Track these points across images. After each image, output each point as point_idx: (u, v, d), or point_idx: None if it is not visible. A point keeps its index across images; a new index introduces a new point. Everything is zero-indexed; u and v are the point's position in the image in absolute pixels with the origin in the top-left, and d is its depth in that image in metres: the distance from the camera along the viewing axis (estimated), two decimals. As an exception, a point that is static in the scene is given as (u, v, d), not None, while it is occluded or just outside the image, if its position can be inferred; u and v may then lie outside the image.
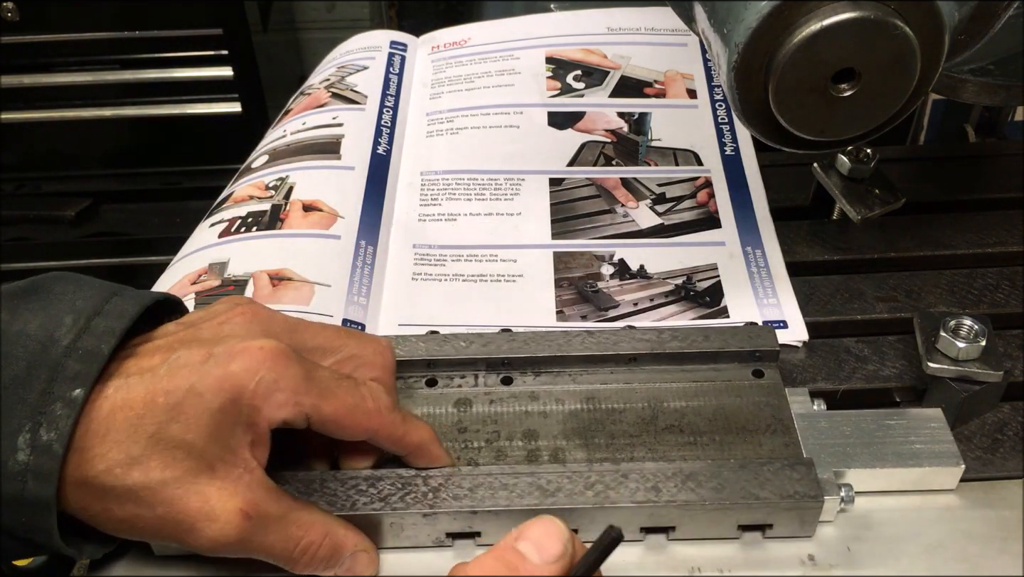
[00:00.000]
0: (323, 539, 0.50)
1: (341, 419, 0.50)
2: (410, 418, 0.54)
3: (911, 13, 0.48)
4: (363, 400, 0.50)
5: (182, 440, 0.46)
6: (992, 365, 0.61)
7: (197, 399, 0.46)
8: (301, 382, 0.48)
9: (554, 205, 0.82)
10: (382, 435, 0.52)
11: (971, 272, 0.76)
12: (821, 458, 0.57)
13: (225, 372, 0.46)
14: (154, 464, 0.45)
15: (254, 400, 0.47)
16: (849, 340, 0.71)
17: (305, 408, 0.48)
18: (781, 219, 0.81)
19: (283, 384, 0.47)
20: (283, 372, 0.47)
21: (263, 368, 0.47)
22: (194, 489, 0.46)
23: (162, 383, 0.46)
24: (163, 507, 0.46)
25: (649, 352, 0.63)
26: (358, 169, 0.84)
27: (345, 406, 0.50)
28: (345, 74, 0.96)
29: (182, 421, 0.46)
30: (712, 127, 0.90)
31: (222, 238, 0.77)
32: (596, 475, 0.55)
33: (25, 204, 1.09)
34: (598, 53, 0.98)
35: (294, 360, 0.48)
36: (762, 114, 0.52)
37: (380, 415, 0.51)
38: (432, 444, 0.55)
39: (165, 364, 0.47)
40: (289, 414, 0.48)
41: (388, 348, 0.57)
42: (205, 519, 0.46)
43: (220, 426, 0.46)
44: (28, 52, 1.23)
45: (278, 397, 0.47)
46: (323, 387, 0.49)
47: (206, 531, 0.46)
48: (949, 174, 0.89)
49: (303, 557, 0.49)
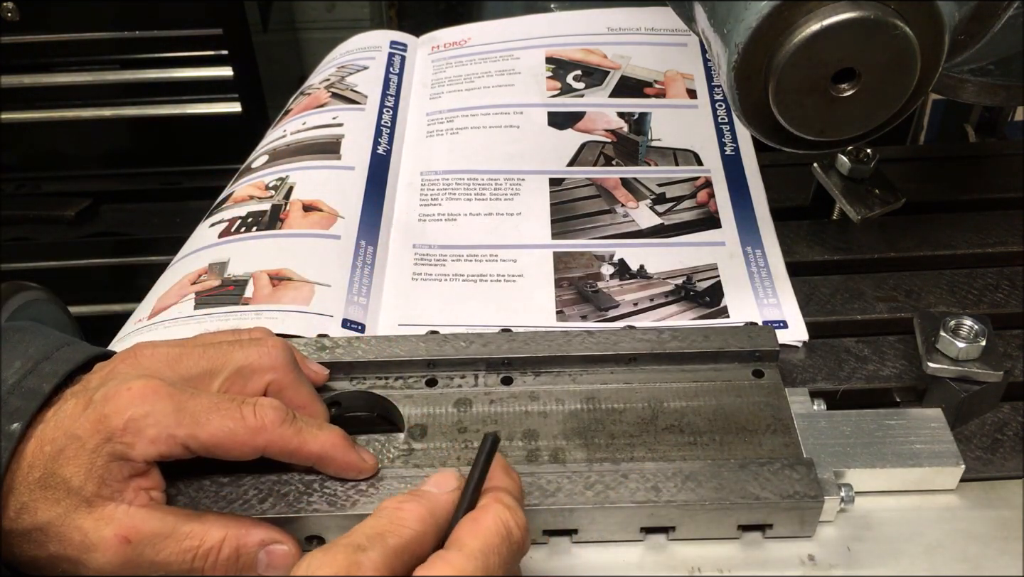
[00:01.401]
0: (221, 542, 0.50)
1: (223, 443, 0.50)
2: (308, 428, 0.53)
3: (911, 13, 0.48)
4: (243, 420, 0.50)
5: (63, 480, 0.48)
6: (992, 365, 0.61)
7: (76, 442, 0.48)
8: (171, 415, 0.49)
9: (554, 205, 0.82)
10: (273, 450, 0.52)
11: (971, 272, 0.76)
12: (821, 458, 0.57)
13: (98, 415, 0.49)
14: (40, 506, 0.48)
15: (124, 437, 0.49)
16: (849, 340, 0.71)
17: (179, 439, 0.49)
18: (781, 219, 0.81)
19: (152, 420, 0.49)
20: (152, 408, 0.49)
21: (132, 407, 0.49)
22: (74, 525, 0.48)
23: (48, 433, 0.49)
24: (53, 545, 0.48)
25: (649, 352, 0.63)
26: (358, 169, 0.84)
27: (224, 430, 0.50)
28: (345, 74, 0.96)
29: (62, 463, 0.48)
30: (712, 127, 0.90)
31: (222, 238, 0.77)
32: (596, 475, 0.55)
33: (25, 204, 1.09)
34: (598, 53, 0.98)
35: (164, 394, 0.50)
36: (762, 114, 0.52)
37: (265, 432, 0.51)
38: (338, 451, 0.53)
39: (55, 416, 0.50)
40: (163, 447, 0.49)
41: (276, 347, 0.55)
42: (87, 551, 0.48)
43: (96, 465, 0.48)
44: (28, 52, 1.23)
45: (149, 433, 0.49)
46: (197, 415, 0.50)
47: (90, 562, 0.48)
48: (949, 174, 0.89)
49: (206, 564, 0.50)
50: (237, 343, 0.55)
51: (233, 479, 0.54)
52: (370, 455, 0.55)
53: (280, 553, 0.52)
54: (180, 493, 0.54)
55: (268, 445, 0.51)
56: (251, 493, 0.54)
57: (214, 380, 0.53)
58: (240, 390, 0.53)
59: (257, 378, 0.54)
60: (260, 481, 0.54)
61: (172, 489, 0.53)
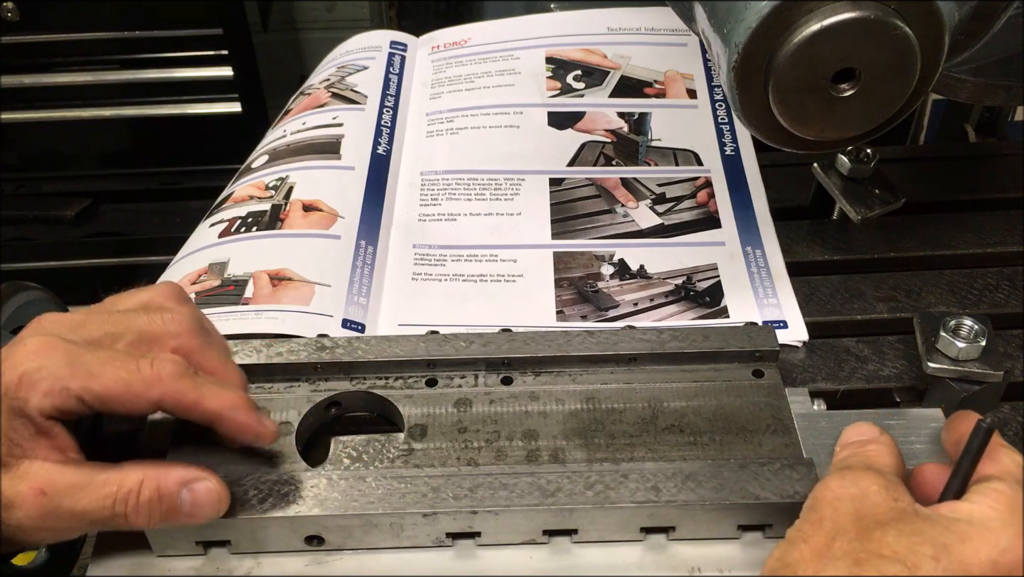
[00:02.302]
0: (139, 484, 0.50)
1: (117, 395, 0.49)
2: (208, 385, 0.52)
3: (911, 13, 0.48)
4: (138, 372, 0.50)
5: None
6: (992, 365, 0.61)
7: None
8: (65, 367, 0.49)
9: (554, 205, 0.82)
10: (169, 403, 0.51)
11: (971, 272, 0.76)
12: (821, 458, 0.57)
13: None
14: None
15: (19, 392, 0.48)
16: (849, 340, 0.71)
17: (74, 391, 0.49)
18: (781, 219, 0.81)
19: (45, 373, 0.48)
20: (44, 361, 0.49)
21: (26, 361, 0.49)
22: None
23: None
24: None
25: (649, 352, 0.63)
26: (358, 169, 0.84)
27: (118, 382, 0.49)
28: (345, 74, 0.96)
29: None
30: (712, 127, 0.90)
31: (222, 238, 0.77)
32: (596, 475, 0.55)
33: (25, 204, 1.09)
34: (598, 53, 0.98)
35: (60, 349, 0.49)
36: (762, 114, 0.52)
37: (161, 384, 0.50)
38: (237, 411, 0.52)
39: None
40: (58, 400, 0.49)
41: (181, 313, 0.55)
42: (6, 509, 0.48)
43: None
44: (28, 52, 1.23)
45: (42, 386, 0.48)
46: (91, 367, 0.49)
47: (11, 519, 0.48)
48: (949, 174, 0.89)
49: (128, 508, 0.50)
50: (142, 310, 0.54)
51: (234, 480, 0.54)
52: (271, 422, 0.54)
53: (203, 490, 0.51)
54: (180, 493, 0.54)
55: (163, 398, 0.50)
56: (251, 493, 0.54)
57: (116, 344, 0.52)
58: (143, 355, 0.52)
59: (160, 344, 0.53)
60: (260, 481, 0.54)
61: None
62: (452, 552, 0.55)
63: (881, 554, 0.43)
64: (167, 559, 0.54)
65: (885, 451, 0.50)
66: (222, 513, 0.52)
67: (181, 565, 0.54)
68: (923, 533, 0.44)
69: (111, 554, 0.55)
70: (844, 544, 0.44)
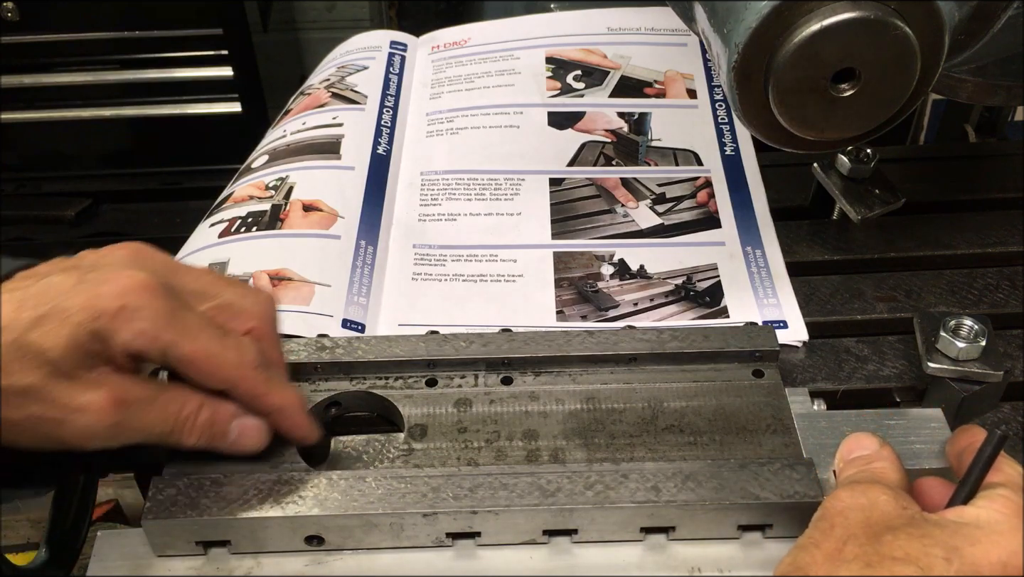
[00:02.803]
0: (199, 408, 0.52)
1: (199, 362, 0.50)
2: (277, 381, 0.54)
3: (911, 13, 0.48)
4: (225, 349, 0.51)
5: (40, 348, 0.47)
6: (992, 365, 0.61)
7: (60, 314, 0.48)
8: (163, 317, 0.49)
9: (554, 205, 0.82)
10: (241, 389, 0.52)
11: (971, 272, 0.76)
12: (821, 458, 0.57)
13: (92, 293, 0.48)
14: (15, 368, 0.47)
15: (113, 323, 0.48)
16: (849, 340, 0.71)
17: (162, 343, 0.49)
18: (781, 219, 0.81)
19: (144, 315, 0.49)
20: (147, 303, 0.49)
21: (129, 295, 0.49)
22: (60, 389, 0.48)
23: (31, 298, 0.48)
24: (35, 406, 0.48)
25: (649, 352, 0.63)
26: (358, 169, 0.84)
27: (205, 350, 0.50)
28: (345, 74, 0.96)
29: (42, 331, 0.48)
30: (712, 127, 0.90)
31: (222, 238, 0.77)
32: (596, 475, 0.55)
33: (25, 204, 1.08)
34: (598, 53, 0.98)
35: (162, 295, 0.50)
36: (762, 114, 0.52)
37: (241, 368, 0.52)
38: (295, 411, 0.54)
39: (37, 284, 0.49)
40: (144, 345, 0.49)
41: (268, 300, 0.56)
42: (76, 411, 0.48)
43: (78, 342, 0.48)
44: (28, 52, 1.23)
45: (136, 325, 0.49)
46: (186, 327, 0.50)
47: (79, 422, 0.49)
48: (949, 174, 0.89)
49: (184, 428, 0.52)
50: (233, 282, 0.57)
51: (234, 479, 0.54)
52: (319, 428, 0.56)
53: (251, 425, 0.53)
54: (180, 493, 0.54)
55: (238, 381, 0.52)
56: (251, 493, 0.54)
57: (203, 303, 0.53)
58: (223, 323, 0.53)
59: (240, 320, 0.54)
60: (260, 481, 0.54)
61: (171, 489, 0.54)
62: (452, 552, 0.55)
63: (893, 556, 0.43)
64: (167, 559, 0.54)
65: (891, 467, 0.51)
66: (260, 449, 0.54)
67: (181, 565, 0.54)
68: (933, 536, 0.44)
69: (111, 554, 0.55)
70: (856, 548, 0.45)
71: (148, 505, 0.53)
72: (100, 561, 0.54)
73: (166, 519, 0.53)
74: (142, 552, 0.54)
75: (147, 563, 0.54)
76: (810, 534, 0.47)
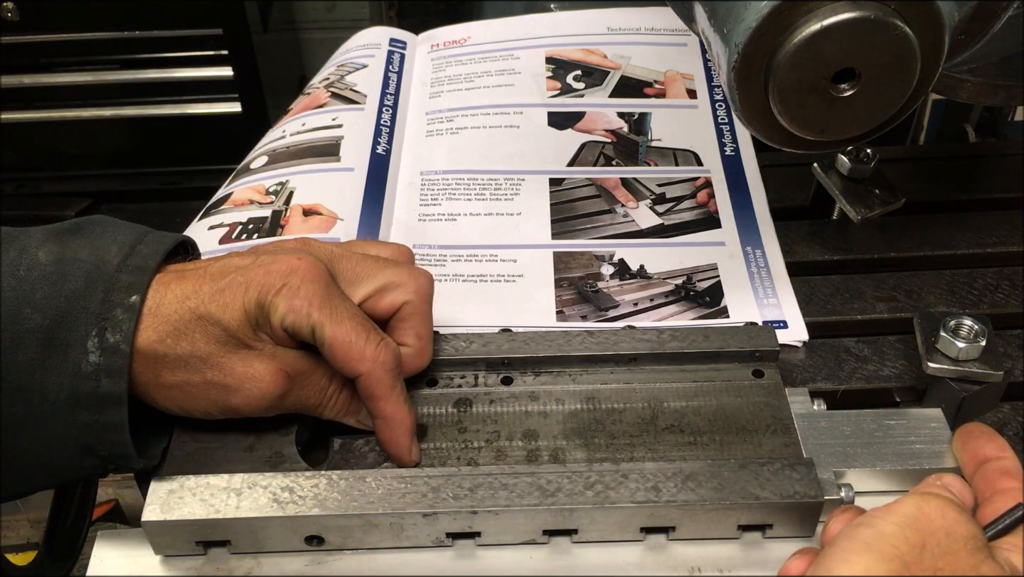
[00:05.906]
0: (341, 387, 0.57)
1: (336, 348, 0.53)
2: (401, 396, 0.56)
3: (911, 13, 0.48)
4: (367, 342, 0.54)
5: (219, 319, 0.52)
6: (992, 365, 0.61)
7: (236, 288, 0.53)
8: (317, 298, 0.53)
9: (554, 205, 0.82)
10: (364, 384, 0.55)
11: (971, 272, 0.76)
12: (821, 458, 0.57)
13: (264, 271, 0.53)
14: (198, 336, 0.52)
15: (276, 298, 0.53)
16: (849, 340, 0.71)
17: (312, 320, 0.53)
18: (781, 219, 0.81)
19: (302, 293, 0.53)
20: (307, 283, 0.53)
21: (293, 276, 0.53)
22: (236, 358, 0.53)
23: (211, 275, 0.54)
24: (212, 372, 0.53)
25: (649, 352, 0.63)
26: (357, 170, 0.84)
27: (348, 336, 0.53)
28: (344, 73, 0.96)
29: (220, 303, 0.53)
30: (712, 127, 0.90)
31: (223, 244, 0.77)
32: (596, 475, 0.55)
33: (25, 204, 1.08)
34: (598, 53, 0.98)
35: (322, 279, 0.54)
36: (762, 114, 0.52)
37: (375, 363, 0.54)
38: (400, 428, 0.56)
39: (218, 264, 0.55)
40: (296, 320, 0.53)
41: (425, 277, 0.60)
42: (250, 380, 0.53)
43: (248, 315, 0.53)
44: (28, 52, 1.23)
45: (294, 302, 0.53)
46: (334, 311, 0.54)
47: (253, 390, 0.53)
48: (949, 174, 0.89)
49: (330, 401, 0.57)
50: (392, 263, 0.60)
51: (234, 479, 0.54)
52: (418, 455, 0.58)
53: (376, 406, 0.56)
54: (180, 493, 0.54)
55: (367, 375, 0.54)
56: (251, 493, 0.54)
57: (362, 287, 0.58)
58: (377, 302, 0.58)
59: (396, 294, 0.58)
60: (260, 481, 0.54)
61: (171, 489, 0.53)
62: (452, 552, 0.55)
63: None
64: (167, 559, 0.54)
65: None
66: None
67: (181, 565, 0.54)
68: None
69: (111, 554, 0.55)
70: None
71: (148, 505, 0.53)
72: (100, 561, 0.54)
73: (166, 519, 0.53)
74: (142, 552, 0.54)
75: (147, 563, 0.54)
76: None
